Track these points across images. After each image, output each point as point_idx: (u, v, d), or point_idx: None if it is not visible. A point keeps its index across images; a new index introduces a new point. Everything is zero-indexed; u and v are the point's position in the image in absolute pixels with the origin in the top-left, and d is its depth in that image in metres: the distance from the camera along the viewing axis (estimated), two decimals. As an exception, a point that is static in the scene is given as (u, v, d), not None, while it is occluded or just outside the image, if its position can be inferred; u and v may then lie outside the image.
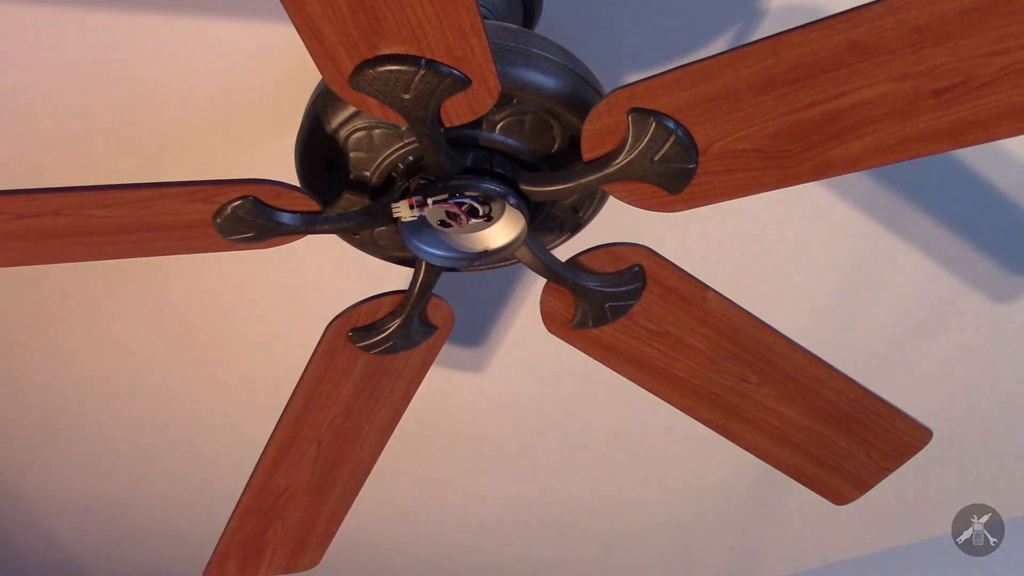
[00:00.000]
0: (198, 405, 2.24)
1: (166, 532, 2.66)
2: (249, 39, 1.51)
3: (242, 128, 1.64)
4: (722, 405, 1.49)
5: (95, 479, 2.46)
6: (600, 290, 1.33)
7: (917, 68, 0.96)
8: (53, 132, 1.63)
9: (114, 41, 1.51)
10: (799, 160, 1.07)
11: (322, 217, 1.21)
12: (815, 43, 0.97)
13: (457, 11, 0.95)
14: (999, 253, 1.91)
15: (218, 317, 2.02)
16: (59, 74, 1.55)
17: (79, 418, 2.26)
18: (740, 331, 1.41)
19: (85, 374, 2.15)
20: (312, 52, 1.00)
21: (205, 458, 2.39)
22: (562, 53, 1.21)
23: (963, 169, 1.75)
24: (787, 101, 1.02)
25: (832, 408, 1.50)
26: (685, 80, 1.02)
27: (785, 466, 1.59)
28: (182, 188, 1.13)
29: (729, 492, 2.52)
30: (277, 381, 2.05)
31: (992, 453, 2.36)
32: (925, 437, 1.56)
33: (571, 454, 2.40)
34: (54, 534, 2.67)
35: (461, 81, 1.03)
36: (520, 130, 1.20)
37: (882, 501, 2.28)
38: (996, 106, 0.98)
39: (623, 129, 1.08)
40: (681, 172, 1.10)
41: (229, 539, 1.67)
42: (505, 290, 1.98)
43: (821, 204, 1.81)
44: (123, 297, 1.97)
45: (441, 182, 1.18)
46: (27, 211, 1.14)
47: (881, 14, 0.93)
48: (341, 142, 1.21)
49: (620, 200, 1.18)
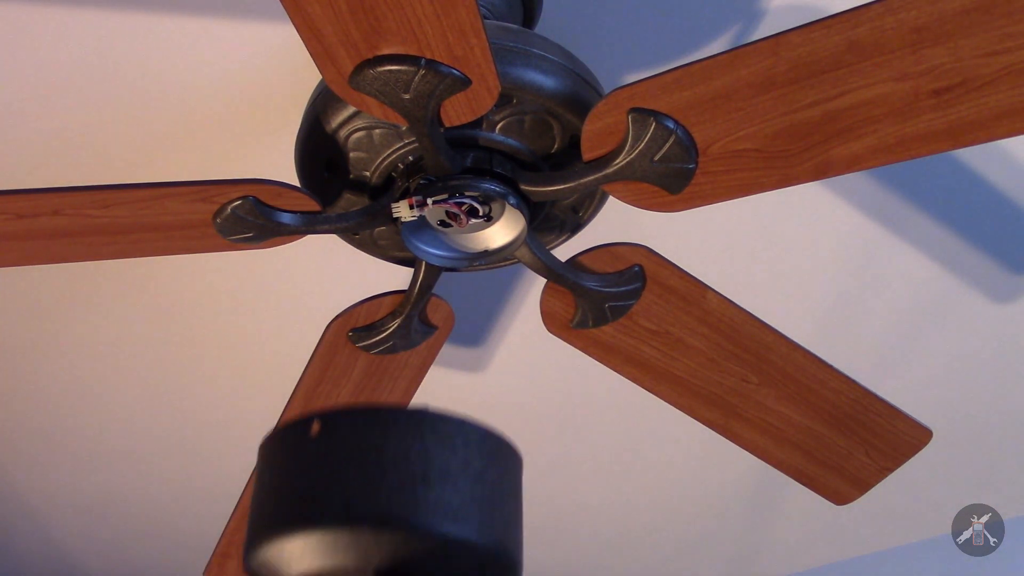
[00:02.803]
0: (198, 405, 2.24)
1: (166, 532, 2.66)
2: (249, 39, 1.51)
3: (242, 128, 1.64)
4: (722, 405, 1.49)
5: (95, 479, 2.46)
6: (600, 290, 1.33)
7: (917, 68, 0.96)
8: (53, 132, 1.63)
9: (114, 41, 1.51)
10: (799, 160, 1.07)
11: (322, 217, 1.21)
12: (815, 43, 0.96)
13: (457, 11, 0.95)
14: (999, 253, 1.91)
15: (218, 317, 2.01)
16: (59, 74, 1.55)
17: (79, 418, 2.26)
18: (740, 331, 1.41)
19: (85, 374, 2.15)
20: (312, 52, 1.00)
21: (205, 458, 2.39)
22: (562, 53, 1.21)
23: (963, 169, 1.75)
24: (787, 101, 1.02)
25: (832, 408, 1.50)
26: (685, 80, 1.02)
27: (785, 466, 1.59)
28: (182, 188, 1.13)
29: (729, 492, 2.52)
30: (277, 381, 2.04)
31: (992, 453, 2.36)
32: (925, 437, 1.56)
33: (571, 454, 2.40)
34: (54, 534, 2.67)
35: (461, 81, 1.03)
36: (520, 130, 1.19)
37: (882, 501, 2.28)
38: (996, 106, 0.98)
39: (623, 129, 1.08)
40: (681, 172, 1.10)
41: (229, 539, 1.67)
42: (505, 290, 1.98)
43: (821, 204, 1.81)
44: (123, 297, 1.97)
45: (441, 182, 1.17)
46: (27, 211, 1.14)
47: (881, 14, 0.93)
48: (341, 142, 1.21)
49: (620, 200, 1.18)
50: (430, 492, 0.86)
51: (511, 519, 0.92)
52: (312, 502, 0.86)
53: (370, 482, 0.85)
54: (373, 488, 0.85)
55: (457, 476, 0.87)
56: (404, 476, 0.85)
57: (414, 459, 0.86)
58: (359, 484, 0.85)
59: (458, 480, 0.87)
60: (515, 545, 0.92)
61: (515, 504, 0.94)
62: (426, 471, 0.86)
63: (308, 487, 0.87)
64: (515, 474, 0.95)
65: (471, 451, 0.89)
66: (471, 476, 0.88)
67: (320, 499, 0.86)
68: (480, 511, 0.88)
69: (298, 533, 0.85)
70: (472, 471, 0.88)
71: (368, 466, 0.86)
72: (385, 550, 0.86)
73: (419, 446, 0.87)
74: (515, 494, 0.95)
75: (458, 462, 0.88)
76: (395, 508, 0.84)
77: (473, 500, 0.88)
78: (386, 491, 0.85)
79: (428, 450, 0.87)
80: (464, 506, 0.87)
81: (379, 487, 0.85)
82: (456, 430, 0.90)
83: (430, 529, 0.85)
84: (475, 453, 0.90)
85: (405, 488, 0.85)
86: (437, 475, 0.86)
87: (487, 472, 0.90)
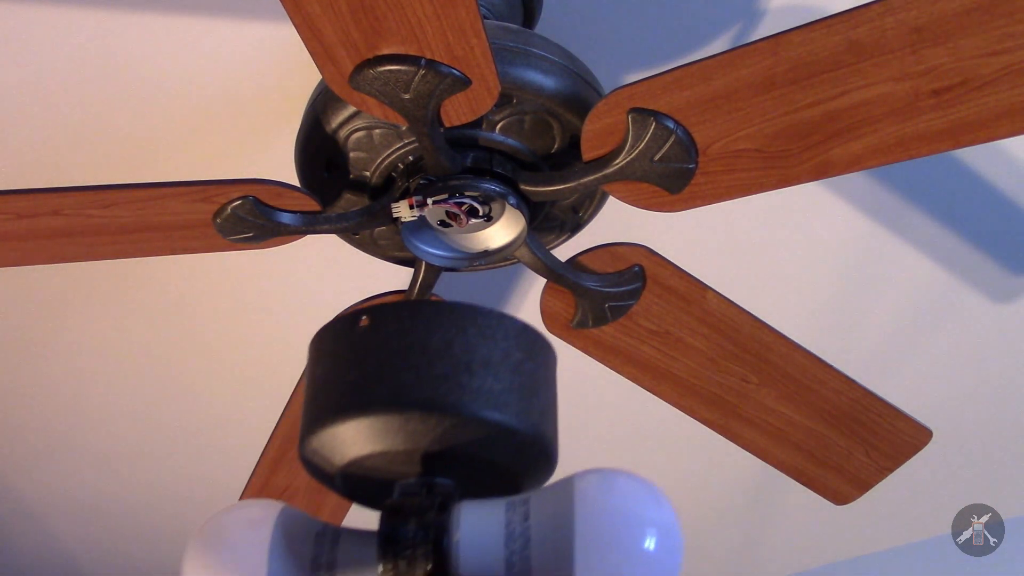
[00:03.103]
0: (198, 405, 2.24)
1: (166, 532, 2.66)
2: (249, 39, 1.51)
3: (242, 128, 1.64)
4: (722, 405, 1.49)
5: (95, 479, 2.46)
6: (600, 290, 1.33)
7: (917, 68, 0.96)
8: (53, 132, 1.63)
9: (114, 41, 1.51)
10: (799, 160, 1.07)
11: (322, 217, 1.21)
12: (815, 43, 0.96)
13: (457, 11, 0.95)
14: (999, 253, 1.91)
15: (218, 317, 2.01)
16: (59, 74, 1.55)
17: (79, 418, 2.26)
18: (740, 331, 1.41)
19: (85, 374, 2.15)
20: (312, 52, 1.00)
21: (205, 458, 2.39)
22: (562, 53, 1.21)
23: (963, 169, 1.75)
24: (787, 101, 1.02)
25: (832, 408, 1.50)
26: (685, 80, 1.02)
27: (785, 466, 1.59)
28: (182, 188, 1.13)
29: (729, 492, 2.52)
30: (277, 381, 2.04)
31: (992, 453, 2.36)
32: (925, 437, 1.56)
33: (571, 454, 2.40)
34: (54, 534, 2.67)
35: (461, 81, 1.03)
36: (520, 130, 1.19)
37: (882, 501, 2.27)
38: (996, 106, 0.98)
39: (623, 129, 1.08)
40: (681, 172, 1.10)
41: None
42: (505, 290, 1.98)
43: (821, 204, 1.81)
44: (123, 297, 1.97)
45: (441, 182, 1.17)
46: (27, 211, 1.14)
47: (881, 14, 0.93)
48: (341, 142, 1.21)
49: (620, 200, 1.17)
50: (473, 380, 0.91)
51: (547, 408, 0.98)
52: (363, 390, 0.92)
53: (417, 371, 0.91)
54: (420, 376, 0.90)
55: (498, 366, 0.93)
56: (449, 365, 0.91)
57: (458, 350, 0.92)
58: (407, 373, 0.91)
59: (499, 369, 0.93)
60: (551, 433, 0.99)
61: (551, 395, 1.00)
62: (469, 361, 0.92)
63: (359, 377, 0.92)
64: (550, 367, 1.00)
65: (511, 343, 0.95)
66: (511, 366, 0.94)
67: (371, 387, 0.91)
68: (519, 399, 0.94)
69: (350, 419, 0.90)
70: (512, 362, 0.94)
71: (415, 356, 0.91)
72: (432, 434, 0.90)
73: (462, 338, 0.92)
74: (550, 386, 1.01)
75: (499, 353, 0.93)
76: (441, 394, 0.90)
77: (513, 388, 0.93)
78: (432, 379, 0.91)
79: (471, 341, 0.93)
80: (505, 393, 0.92)
81: (426, 375, 0.90)
82: (497, 323, 0.95)
83: (474, 414, 0.90)
84: (514, 345, 0.95)
85: (450, 376, 0.91)
86: (479, 364, 0.92)
87: (525, 363, 0.95)
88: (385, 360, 0.92)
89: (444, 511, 0.89)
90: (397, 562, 0.86)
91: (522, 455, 0.95)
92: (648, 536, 0.90)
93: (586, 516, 0.89)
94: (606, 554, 0.88)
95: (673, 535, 0.92)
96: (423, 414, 0.90)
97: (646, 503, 0.93)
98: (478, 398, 0.91)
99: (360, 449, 0.92)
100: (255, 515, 0.96)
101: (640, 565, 0.89)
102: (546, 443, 0.97)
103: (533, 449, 0.95)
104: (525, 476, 0.97)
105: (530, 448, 0.95)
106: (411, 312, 0.95)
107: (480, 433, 0.92)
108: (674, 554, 0.92)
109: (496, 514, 0.90)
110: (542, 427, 0.96)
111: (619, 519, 0.90)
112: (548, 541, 0.88)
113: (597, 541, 0.88)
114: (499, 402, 0.92)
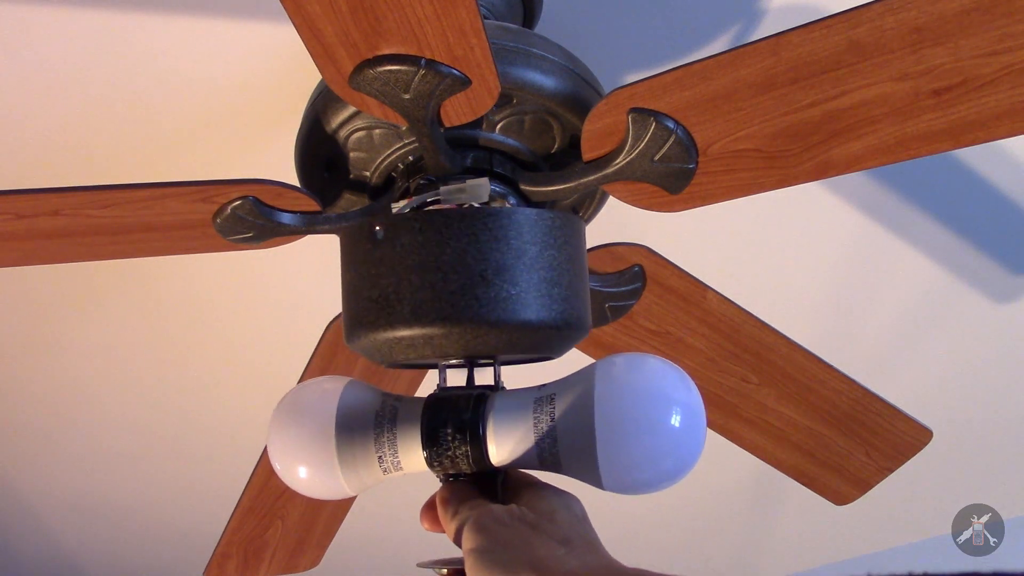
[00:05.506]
0: (198, 405, 2.24)
1: (166, 532, 2.66)
2: (249, 39, 1.51)
3: (242, 128, 1.64)
4: (722, 405, 1.49)
5: (95, 479, 2.46)
6: (600, 290, 1.33)
7: (917, 68, 0.96)
8: (53, 132, 1.63)
9: (114, 41, 1.51)
10: (799, 160, 1.07)
11: (322, 217, 1.21)
12: (815, 43, 0.96)
13: (457, 11, 0.95)
14: (999, 253, 1.91)
15: (218, 317, 2.01)
16: (59, 74, 1.55)
17: (79, 418, 2.26)
18: (740, 331, 1.41)
19: (84, 374, 2.15)
20: (312, 52, 1.00)
21: (205, 458, 2.39)
22: (562, 53, 1.21)
23: (963, 169, 1.75)
24: (787, 101, 1.01)
25: (832, 408, 1.50)
26: (685, 80, 1.02)
27: (785, 466, 1.59)
28: (182, 188, 1.13)
29: (729, 492, 2.52)
30: (277, 381, 2.04)
31: (992, 453, 2.36)
32: (925, 437, 1.56)
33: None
34: (54, 534, 2.67)
35: (461, 81, 1.03)
36: (520, 130, 1.19)
37: (882, 501, 2.27)
38: (996, 106, 0.97)
39: (623, 129, 1.08)
40: (681, 172, 1.10)
41: (229, 539, 1.67)
42: (505, 290, 1.98)
43: (821, 204, 1.81)
44: (123, 297, 1.97)
45: (441, 182, 1.17)
46: (27, 211, 1.14)
47: (881, 14, 0.93)
48: (341, 142, 1.21)
49: (620, 200, 1.17)
50: (490, 290, 0.96)
51: (571, 290, 1.02)
52: (384, 311, 0.98)
53: (433, 288, 0.96)
54: (437, 293, 0.95)
55: (512, 267, 0.97)
56: (463, 278, 0.95)
57: (471, 260, 0.96)
58: (423, 291, 0.96)
59: (514, 271, 0.97)
60: (577, 310, 1.03)
61: (575, 271, 1.04)
62: (484, 270, 0.96)
63: (380, 295, 0.98)
64: (571, 242, 1.04)
65: (523, 239, 0.98)
66: (526, 264, 0.98)
67: (392, 307, 0.97)
68: (538, 295, 0.98)
69: (378, 334, 0.98)
70: (527, 258, 0.98)
71: (429, 273, 0.96)
72: (456, 345, 0.96)
73: (475, 247, 0.96)
74: (574, 261, 1.05)
75: (512, 254, 0.97)
76: (458, 310, 0.95)
77: (530, 286, 0.98)
78: (448, 295, 0.95)
79: (483, 249, 0.97)
80: (522, 295, 0.97)
81: (442, 291, 0.95)
82: (508, 221, 0.98)
83: (493, 324, 0.95)
84: (527, 239, 0.99)
85: (466, 290, 0.95)
86: (493, 272, 0.96)
87: (543, 254, 0.99)
88: (403, 277, 0.97)
89: (479, 407, 0.95)
90: (442, 459, 0.95)
91: (550, 340, 1.00)
92: (668, 411, 0.93)
93: (605, 395, 0.92)
94: (626, 427, 0.91)
95: (696, 414, 0.94)
96: (444, 331, 0.95)
97: (666, 380, 0.96)
98: (495, 308, 0.95)
99: (395, 357, 1.00)
100: (327, 386, 1.04)
101: (660, 437, 0.92)
102: (573, 325, 1.01)
103: (560, 333, 1.00)
104: (561, 347, 1.04)
105: (557, 335, 1.00)
106: (423, 225, 0.99)
107: (503, 337, 0.97)
108: (696, 433, 0.94)
109: (525, 410, 0.95)
110: (566, 312, 1.01)
111: (639, 395, 0.93)
112: (572, 426, 0.94)
113: (616, 415, 0.92)
114: (517, 305, 0.96)
